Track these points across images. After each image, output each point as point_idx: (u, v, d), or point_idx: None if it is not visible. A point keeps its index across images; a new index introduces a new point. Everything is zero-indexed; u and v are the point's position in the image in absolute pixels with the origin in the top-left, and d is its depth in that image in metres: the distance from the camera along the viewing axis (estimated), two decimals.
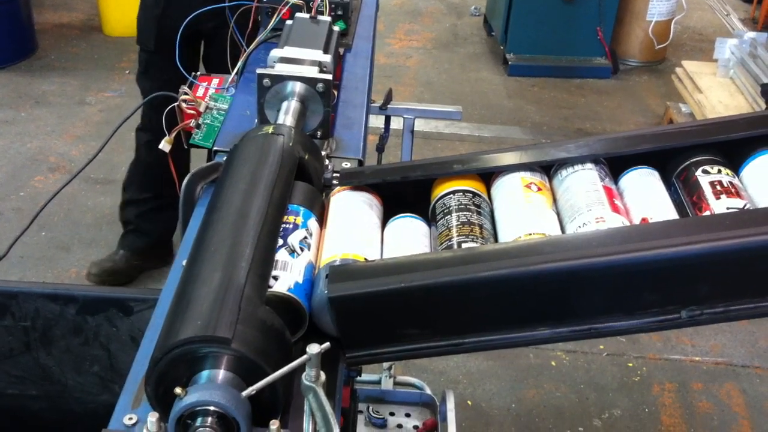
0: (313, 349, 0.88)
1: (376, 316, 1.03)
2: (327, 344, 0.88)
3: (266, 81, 1.37)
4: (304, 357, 0.88)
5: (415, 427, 1.99)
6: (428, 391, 2.10)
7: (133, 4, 4.49)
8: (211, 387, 0.86)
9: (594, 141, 1.23)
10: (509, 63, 4.92)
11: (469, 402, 2.62)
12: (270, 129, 1.24)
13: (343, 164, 1.36)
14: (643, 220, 1.11)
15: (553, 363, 2.80)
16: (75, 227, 3.20)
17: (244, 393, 0.86)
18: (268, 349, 0.90)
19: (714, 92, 4.13)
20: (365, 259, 1.08)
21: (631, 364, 2.82)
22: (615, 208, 1.11)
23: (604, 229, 1.07)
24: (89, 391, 1.62)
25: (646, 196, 1.15)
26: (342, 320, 1.01)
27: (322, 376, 0.89)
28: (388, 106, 2.12)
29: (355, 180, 1.20)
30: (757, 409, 2.66)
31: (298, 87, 1.37)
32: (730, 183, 1.12)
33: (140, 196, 2.92)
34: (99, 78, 4.32)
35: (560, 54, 4.96)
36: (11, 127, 3.83)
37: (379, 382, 2.13)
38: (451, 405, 1.84)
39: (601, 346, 2.87)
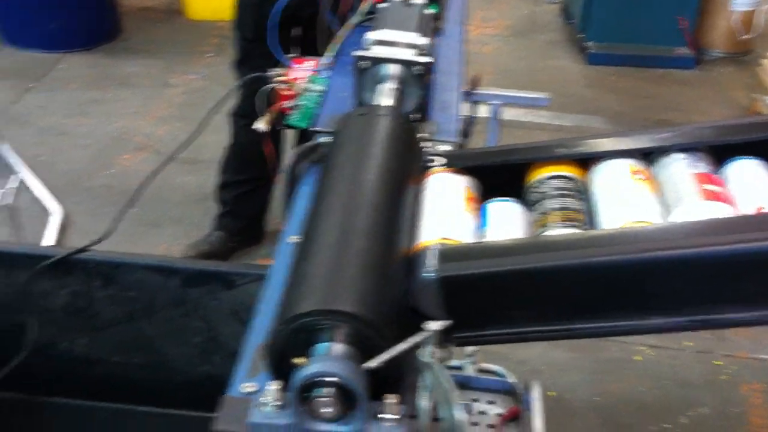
0: (433, 326, 0.89)
1: (486, 297, 1.03)
2: (446, 322, 0.90)
3: (363, 63, 1.38)
4: (424, 334, 0.89)
5: (498, 414, 1.99)
6: (512, 379, 2.10)
7: None
8: (331, 358, 0.88)
9: (696, 128, 1.22)
10: (588, 51, 4.86)
11: (552, 393, 2.61)
12: (375, 109, 1.26)
13: (441, 147, 1.38)
14: (758, 209, 1.09)
15: (636, 357, 2.76)
16: (164, 205, 3.28)
17: (366, 365, 0.88)
18: (388, 323, 0.92)
19: None
20: (461, 242, 1.08)
21: (718, 362, 2.76)
22: (723, 198, 1.10)
23: (720, 218, 1.05)
24: (189, 361, 1.68)
25: (757, 186, 1.13)
26: (451, 301, 1.01)
27: (440, 353, 0.90)
28: (475, 91, 2.12)
29: (457, 162, 1.22)
30: None
31: (395, 69, 1.38)
32: None
33: (237, 178, 3.00)
34: (181, 61, 4.41)
35: (641, 43, 4.87)
36: (98, 107, 3.94)
37: (461, 369, 2.14)
38: (537, 394, 1.84)
39: (689, 342, 2.82)
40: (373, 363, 0.88)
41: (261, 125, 1.71)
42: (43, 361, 1.65)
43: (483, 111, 2.15)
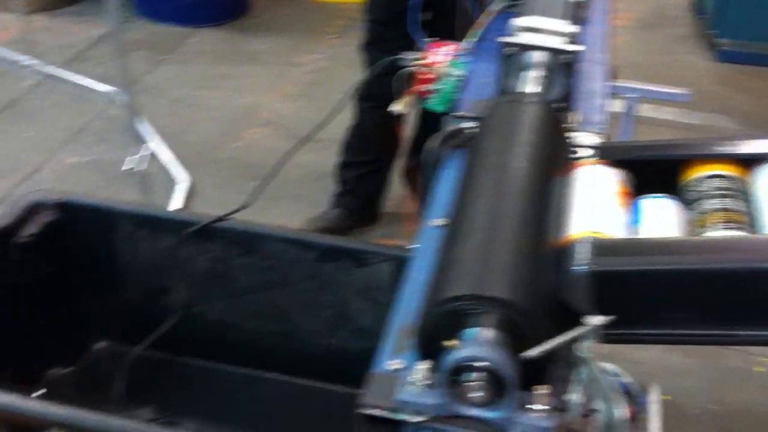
0: (593, 320, 0.88)
1: (639, 295, 1.01)
2: (608, 318, 0.88)
3: (510, 49, 1.37)
4: (583, 328, 0.89)
5: None
6: (628, 379, 2.06)
7: None
8: (484, 344, 0.89)
9: None
10: (720, 48, 4.67)
11: (666, 397, 2.53)
12: (523, 96, 1.26)
13: (586, 137, 1.36)
14: None
15: (758, 368, 2.65)
16: (284, 181, 3.32)
17: (523, 354, 0.88)
18: (541, 312, 0.92)
19: None
20: (613, 237, 1.06)
21: None
22: None
23: None
24: (318, 334, 1.72)
25: None
26: (603, 296, 0.99)
27: (597, 349, 0.89)
28: (613, 83, 2.08)
29: (610, 154, 1.20)
30: None
31: (542, 57, 1.36)
32: None
33: (358, 159, 3.04)
34: (306, 41, 4.48)
35: None
36: (227, 82, 4.05)
37: None
38: (655, 398, 1.80)
39: None
40: (532, 352, 0.88)
41: (397, 108, 1.73)
42: (180, 323, 1.73)
43: (616, 105, 2.10)
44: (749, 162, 1.16)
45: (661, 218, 1.12)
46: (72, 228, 1.73)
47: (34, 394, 1.29)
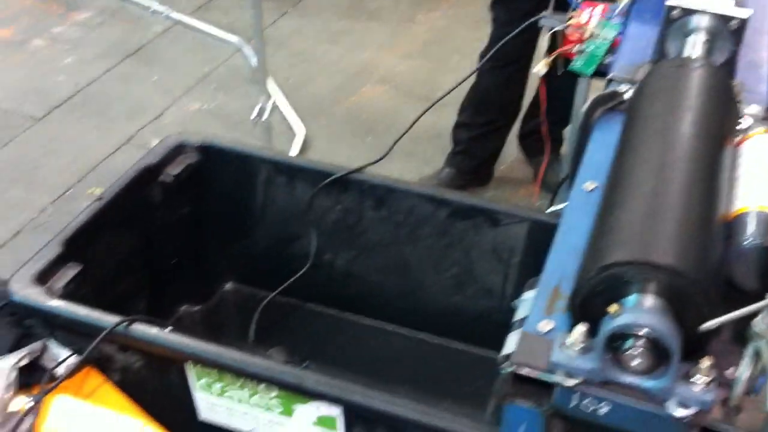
0: None
1: None
2: None
3: (675, 12, 1.32)
4: (760, 304, 0.84)
5: None
6: None
7: None
8: (648, 311, 0.86)
9: None
10: None
11: None
12: (690, 61, 1.21)
13: (753, 107, 1.29)
14: None
15: None
16: (396, 138, 3.35)
17: (703, 326, 0.85)
18: (709, 282, 0.88)
19: None
20: None
21: None
22: None
23: None
24: (444, 291, 1.72)
25: None
26: None
27: None
28: None
29: None
30: None
31: (708, 22, 1.30)
32: None
33: (475, 120, 3.01)
34: None
35: None
36: (346, 37, 4.06)
37: None
38: None
39: None
40: (708, 324, 0.85)
41: (540, 68, 1.69)
42: (309, 271, 1.76)
43: None
44: None
45: None
46: (212, 170, 1.77)
47: (165, 329, 1.34)
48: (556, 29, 1.66)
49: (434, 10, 4.29)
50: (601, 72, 1.56)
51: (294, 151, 3.20)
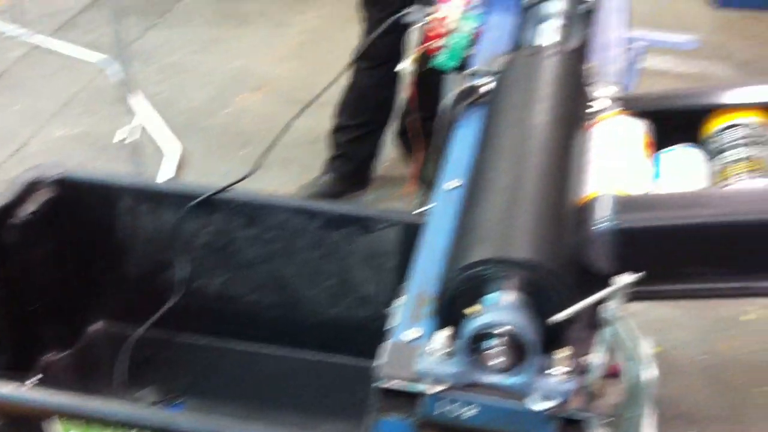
0: (623, 279, 0.85)
1: (664, 251, 0.98)
2: (637, 275, 0.85)
3: (527, 1, 1.33)
4: (611, 288, 0.85)
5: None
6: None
7: None
8: (506, 308, 0.86)
9: None
10: None
11: (657, 348, 2.53)
12: (543, 50, 1.20)
13: (604, 89, 1.30)
14: None
15: (747, 317, 2.64)
16: (275, 146, 3.29)
17: (551, 319, 0.85)
18: (565, 273, 0.88)
19: None
20: (636, 192, 1.02)
21: None
22: None
23: None
24: (321, 303, 1.68)
25: None
26: (625, 254, 0.96)
27: (622, 308, 0.86)
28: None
29: (633, 105, 1.14)
30: None
31: (560, 7, 1.32)
32: None
33: (352, 122, 2.97)
34: (298, 0, 4.39)
35: None
36: (218, 46, 3.96)
37: None
38: (648, 350, 1.79)
39: None
40: (559, 316, 0.85)
41: (405, 66, 1.66)
42: (181, 299, 1.67)
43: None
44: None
45: (683, 170, 1.09)
46: (72, 204, 1.67)
47: (30, 381, 1.23)
48: (417, 25, 1.63)
49: (306, 12, 4.24)
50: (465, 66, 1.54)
51: (168, 171, 3.07)
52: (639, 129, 1.12)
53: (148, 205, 1.68)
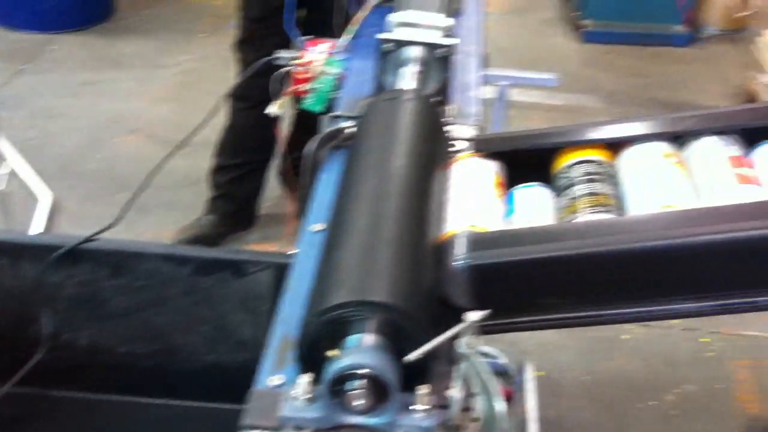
0: (472, 316, 0.88)
1: (516, 285, 1.02)
2: (486, 312, 0.88)
3: (387, 46, 1.36)
4: (462, 324, 0.88)
5: None
6: (504, 360, 2.10)
7: None
8: (365, 350, 0.87)
9: (728, 111, 1.20)
10: (584, 29, 4.82)
11: (540, 373, 2.60)
12: (401, 94, 1.24)
13: (463, 130, 1.35)
14: None
15: (625, 336, 2.76)
16: (153, 189, 3.20)
17: (406, 358, 0.86)
18: (422, 313, 0.90)
19: None
20: (490, 229, 1.06)
21: (704, 339, 2.76)
22: (756, 182, 1.09)
23: (753, 202, 1.04)
24: (197, 351, 1.65)
25: None
26: (482, 289, 1.00)
27: (478, 343, 0.89)
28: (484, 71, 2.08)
29: (485, 147, 1.19)
30: None
31: (418, 52, 1.36)
32: None
33: (232, 162, 2.96)
34: (176, 41, 4.34)
35: (637, 21, 4.83)
36: (91, 89, 3.87)
37: None
38: (530, 375, 1.85)
39: (676, 321, 2.81)
40: (413, 356, 0.87)
41: (273, 109, 1.67)
42: (49, 354, 1.61)
43: (487, 91, 2.12)
44: (616, 146, 1.19)
45: (534, 207, 1.13)
46: None
47: None
48: (283, 70, 1.65)
49: (182, 53, 4.21)
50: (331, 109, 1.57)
51: (40, 220, 2.97)
52: (490, 169, 1.16)
53: (8, 259, 1.62)
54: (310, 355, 0.91)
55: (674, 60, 4.65)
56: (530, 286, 1.02)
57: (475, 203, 1.10)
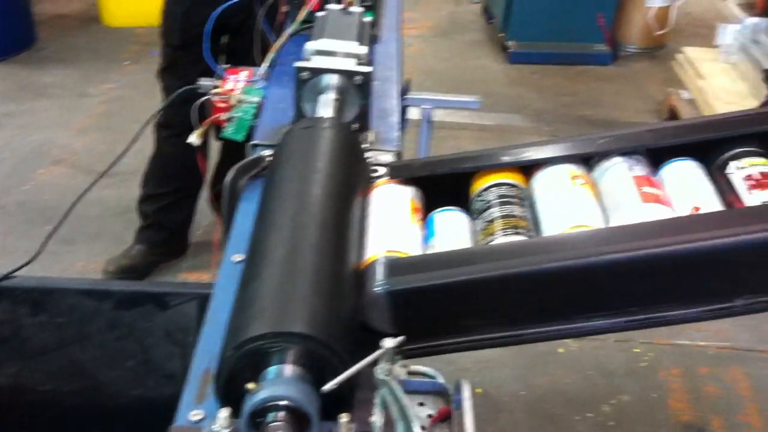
0: (388, 343, 0.88)
1: (435, 309, 1.03)
2: (402, 338, 0.89)
3: (304, 74, 1.37)
4: (379, 351, 0.88)
5: (429, 415, 1.99)
6: (441, 379, 2.11)
7: None
8: (284, 382, 0.87)
9: (634, 132, 1.23)
10: (510, 50, 4.92)
11: (479, 390, 2.64)
12: (318, 122, 1.24)
13: (382, 156, 1.36)
14: (695, 209, 1.11)
15: (561, 350, 2.81)
16: (80, 221, 3.18)
17: (323, 389, 0.86)
18: (341, 342, 0.90)
19: (716, 78, 4.14)
20: (408, 254, 1.07)
21: (637, 350, 2.84)
22: (661, 200, 1.12)
23: (658, 220, 1.07)
24: (123, 386, 1.62)
25: (692, 186, 1.15)
26: (401, 314, 1.01)
27: (395, 369, 0.89)
28: (407, 96, 2.11)
29: (401, 173, 1.20)
30: (763, 392, 2.69)
31: (335, 80, 1.37)
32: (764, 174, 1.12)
33: (159, 191, 2.93)
34: (100, 69, 4.29)
35: (561, 41, 4.95)
36: (13, 120, 3.80)
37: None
38: (467, 394, 1.85)
39: None
40: (329, 386, 0.87)
41: (194, 139, 1.66)
42: None
43: (413, 113, 2.15)
44: (530, 168, 1.21)
45: (452, 231, 1.14)
46: None
47: None
48: (203, 99, 1.64)
49: (108, 81, 4.16)
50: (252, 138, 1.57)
51: None
52: (406, 195, 1.18)
53: None
54: (230, 389, 0.90)
55: (598, 78, 4.79)
56: (449, 309, 1.03)
57: (392, 229, 1.10)
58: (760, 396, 2.67)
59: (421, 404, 2.03)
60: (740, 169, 1.14)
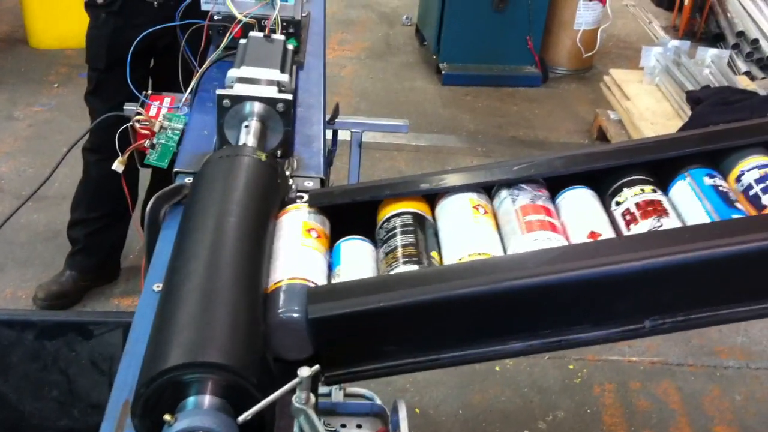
0: (304, 372, 0.89)
1: (355, 335, 1.04)
2: (317, 366, 0.90)
3: (226, 102, 1.37)
4: (295, 380, 0.89)
5: None
6: (378, 401, 2.12)
7: (58, 15, 4.42)
8: (201, 412, 0.87)
9: (534, 162, 1.25)
10: (442, 72, 4.98)
11: (417, 410, 2.66)
12: (237, 150, 1.25)
13: (306, 183, 1.38)
14: (592, 234, 1.15)
15: (497, 368, 2.85)
16: (8, 246, 3.12)
17: (240, 419, 0.87)
18: (257, 370, 0.91)
19: (641, 99, 4.27)
20: (313, 282, 1.07)
21: (572, 366, 2.90)
22: (548, 227, 1.15)
23: (559, 246, 1.11)
24: (48, 417, 1.60)
25: (586, 213, 1.19)
26: (322, 340, 1.02)
27: (312, 398, 0.90)
28: (336, 120, 2.13)
29: (316, 201, 1.21)
30: (693, 405, 2.77)
31: (258, 107, 1.37)
32: (655, 201, 1.16)
33: (89, 216, 2.88)
34: (26, 92, 4.21)
35: (492, 63, 5.04)
36: None
37: (329, 395, 2.14)
38: (403, 414, 1.87)
39: None
40: (244, 416, 0.87)
41: (117, 166, 1.65)
42: None
43: (344, 135, 2.17)
44: (434, 197, 1.23)
45: (356, 259, 1.15)
46: None
47: None
48: (126, 125, 1.63)
49: (34, 105, 4.08)
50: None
51: None
52: (315, 222, 1.18)
53: None
54: (149, 420, 0.90)
55: (529, 99, 4.88)
56: (367, 335, 1.04)
57: (298, 256, 1.10)
58: (690, 409, 2.74)
59: (359, 426, 2.05)
60: (618, 205, 1.18)
